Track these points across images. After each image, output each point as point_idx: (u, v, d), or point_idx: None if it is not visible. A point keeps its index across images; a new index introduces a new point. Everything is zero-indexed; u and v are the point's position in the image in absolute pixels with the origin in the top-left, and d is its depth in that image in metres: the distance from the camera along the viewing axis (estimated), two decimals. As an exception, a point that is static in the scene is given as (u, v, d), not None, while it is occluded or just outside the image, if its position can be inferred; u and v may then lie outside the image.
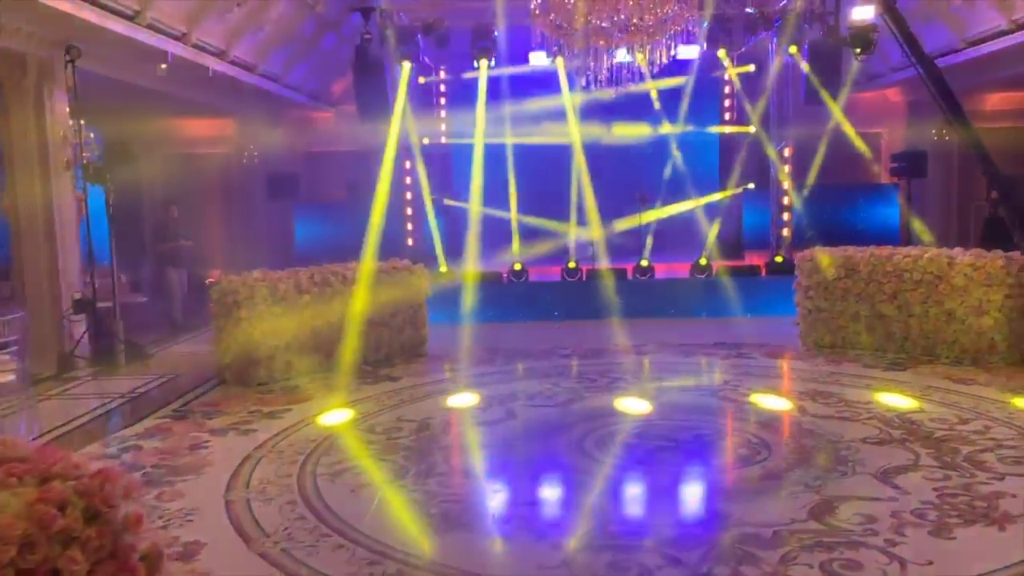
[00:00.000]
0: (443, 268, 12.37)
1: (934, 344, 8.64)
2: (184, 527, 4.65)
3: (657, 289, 12.09)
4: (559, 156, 14.53)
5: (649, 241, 12.68)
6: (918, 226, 11.93)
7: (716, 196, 14.99)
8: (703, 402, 7.15)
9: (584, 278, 12.24)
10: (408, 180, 14.28)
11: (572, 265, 12.22)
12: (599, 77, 11.86)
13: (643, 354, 9.26)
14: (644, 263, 12.27)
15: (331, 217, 15.48)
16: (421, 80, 15.08)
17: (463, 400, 7.41)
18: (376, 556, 4.21)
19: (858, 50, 10.48)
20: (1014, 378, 7.60)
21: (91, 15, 8.37)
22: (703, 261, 12.25)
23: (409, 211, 14.38)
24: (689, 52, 16.16)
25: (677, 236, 15.71)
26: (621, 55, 11.64)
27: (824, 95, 12.26)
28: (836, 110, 12.42)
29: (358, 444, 6.16)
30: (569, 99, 12.60)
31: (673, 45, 11.18)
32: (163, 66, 9.71)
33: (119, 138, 13.27)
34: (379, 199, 10.91)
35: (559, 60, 12.73)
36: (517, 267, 12.27)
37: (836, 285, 9.19)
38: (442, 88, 16.55)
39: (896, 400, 6.98)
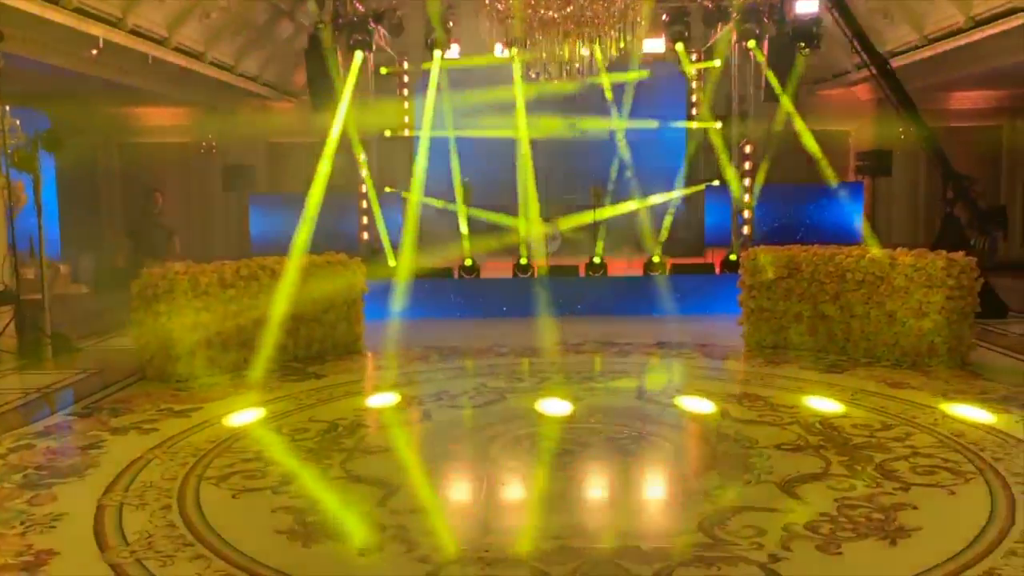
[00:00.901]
0: (391, 262, 12.12)
1: (875, 346, 8.46)
2: (44, 534, 4.41)
3: (608, 287, 11.87)
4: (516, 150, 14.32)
5: (601, 238, 12.42)
6: (866, 228, 11.73)
7: (673, 193, 14.82)
8: (627, 404, 6.95)
9: (535, 275, 12.02)
10: (364, 172, 14.05)
11: (524, 261, 11.99)
12: (551, 70, 11.66)
13: (582, 353, 9.05)
14: (596, 260, 12.06)
15: (288, 209, 15.14)
16: (383, 71, 14.84)
17: (383, 400, 7.19)
18: (234, 569, 3.98)
19: (802, 44, 10.27)
20: (951, 382, 7.43)
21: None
22: (656, 259, 12.04)
23: (364, 204, 14.14)
24: (655, 46, 16.02)
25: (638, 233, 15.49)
26: (574, 48, 11.44)
27: (779, 91, 12.05)
28: (789, 106, 12.17)
29: (258, 446, 5.92)
30: (522, 92, 12.33)
31: (624, 38, 10.98)
32: (94, 51, 9.42)
33: (60, 125, 13.06)
34: (315, 192, 10.63)
35: (514, 52, 12.50)
36: (468, 263, 12.04)
37: (778, 285, 9.00)
38: (405, 79, 16.32)
39: (824, 404, 6.79)
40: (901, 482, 5.00)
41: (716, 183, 14.72)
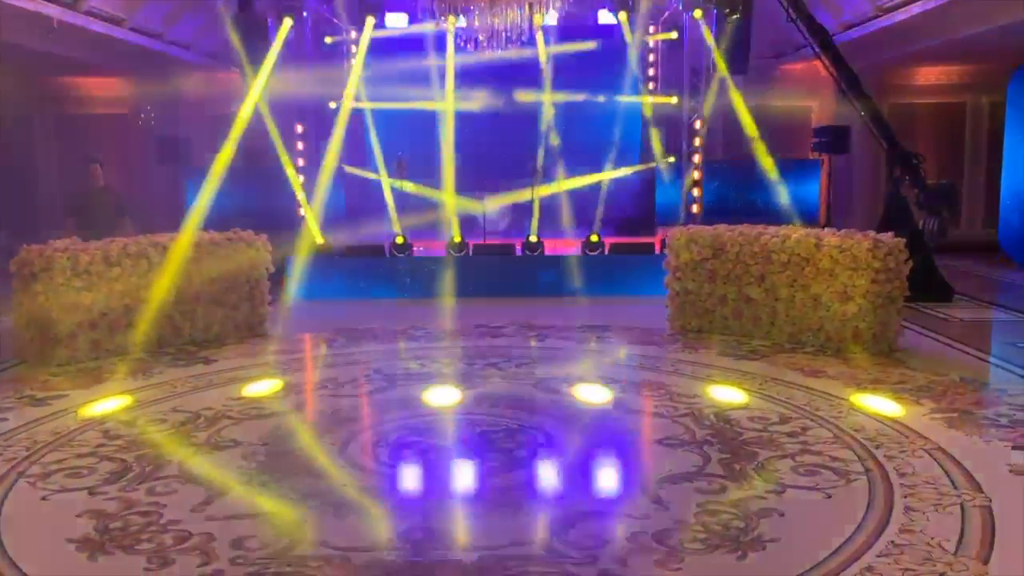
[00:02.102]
0: (319, 239, 11.62)
1: (800, 331, 8.05)
2: None
3: (544, 266, 11.41)
4: (459, 122, 13.83)
5: (535, 215, 11.94)
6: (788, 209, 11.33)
7: (619, 171, 14.36)
8: (521, 393, 6.49)
9: (470, 253, 11.55)
10: (300, 146, 13.54)
11: (457, 239, 11.51)
12: (482, 38, 11.16)
13: (499, 336, 8.60)
14: (533, 239, 11.59)
15: (226, 184, 14.65)
16: (328, 40, 14.31)
17: (263, 387, 6.73)
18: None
19: (727, 11, 9.76)
20: (870, 370, 7.02)
21: None
22: (594, 238, 11.58)
23: (301, 179, 13.61)
24: (609, 17, 15.48)
25: (585, 211, 15.06)
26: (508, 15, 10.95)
27: (720, 65, 11.57)
28: (728, 80, 11.69)
29: (102, 439, 5.45)
30: (452, 62, 11.82)
31: (555, 5, 10.50)
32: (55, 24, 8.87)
33: None
34: (218, 164, 10.11)
35: (450, 20, 11.97)
36: (399, 240, 11.56)
37: (703, 266, 8.56)
38: (352, 49, 15.74)
39: (727, 395, 6.37)
40: (777, 484, 4.58)
41: (672, 160, 14.27)
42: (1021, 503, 4.32)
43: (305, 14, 12.41)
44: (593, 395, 6.40)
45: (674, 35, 14.59)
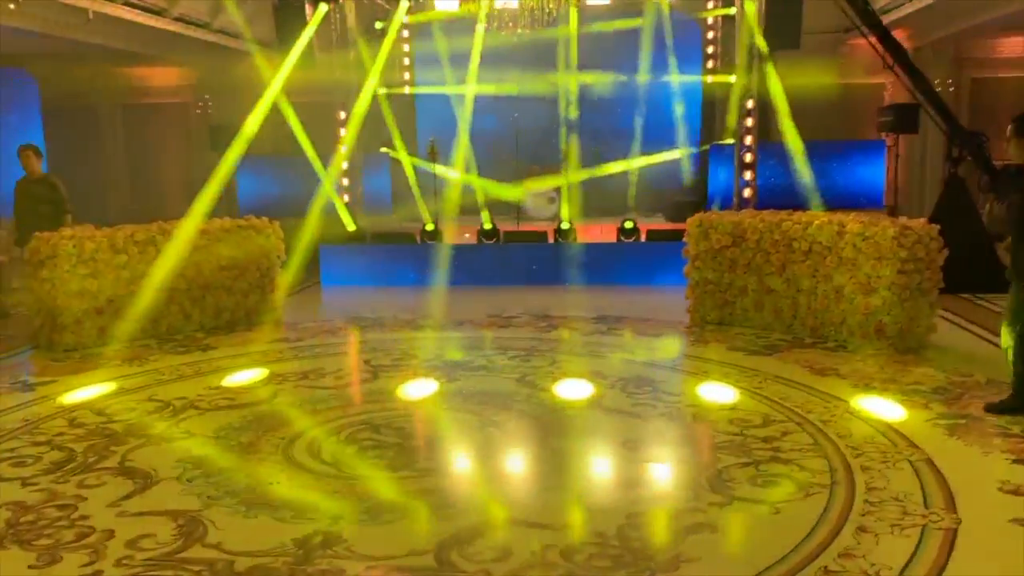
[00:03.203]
0: (350, 227, 11.57)
1: (822, 325, 7.49)
2: None
3: (575, 254, 11.04)
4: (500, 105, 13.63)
5: (564, 202, 11.58)
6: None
7: (669, 154, 13.89)
8: (499, 388, 6.19)
9: (501, 240, 11.31)
10: (342, 132, 13.53)
11: (488, 226, 11.27)
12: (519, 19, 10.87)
13: (508, 327, 8.34)
14: (565, 226, 11.23)
15: (277, 171, 14.81)
16: (379, 25, 14.26)
17: (245, 377, 6.66)
18: None
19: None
20: (886, 368, 6.45)
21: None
22: (628, 224, 11.13)
23: (344, 165, 13.63)
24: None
25: (634, 196, 14.61)
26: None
27: (760, 43, 10.94)
28: (766, 55, 11.03)
29: (65, 428, 5.47)
30: (479, 45, 11.55)
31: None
32: (12, 6, 9.09)
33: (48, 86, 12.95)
34: (234, 151, 10.13)
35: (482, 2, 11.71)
36: (429, 227, 11.40)
37: (723, 254, 8.07)
38: (405, 34, 15.68)
39: (719, 393, 5.95)
40: (725, 495, 4.19)
41: (731, 142, 13.68)
42: (996, 527, 3.81)
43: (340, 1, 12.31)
44: (573, 391, 6.07)
45: (732, 10, 13.92)
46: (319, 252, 11.13)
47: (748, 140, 13.03)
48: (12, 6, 9.10)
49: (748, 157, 13.03)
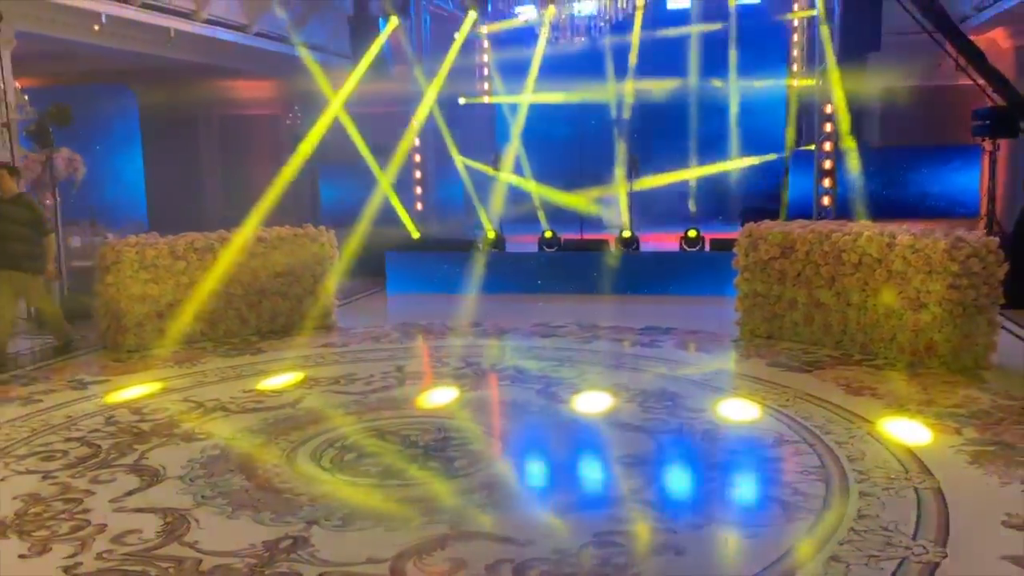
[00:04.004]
0: (415, 235, 11.80)
1: (872, 341, 7.15)
2: None
3: (636, 263, 10.92)
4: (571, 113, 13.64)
5: (624, 209, 11.44)
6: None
7: (747, 160, 13.59)
8: (517, 398, 6.19)
9: (561, 249, 11.28)
10: (417, 142, 13.81)
11: (548, 234, 11.27)
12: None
13: (549, 337, 8.33)
14: (627, 234, 11.11)
15: (356, 179, 15.24)
16: (459, 36, 14.52)
17: (280, 381, 6.88)
18: None
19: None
20: (931, 389, 6.10)
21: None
22: (692, 233, 10.91)
23: (418, 174, 13.93)
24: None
25: (708, 203, 14.38)
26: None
27: (827, 45, 10.54)
28: (830, 58, 10.61)
29: (100, 425, 5.80)
30: (541, 52, 11.57)
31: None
32: (96, 27, 9.71)
33: (147, 100, 13.75)
34: (294, 162, 10.46)
35: (550, 10, 11.74)
36: (491, 235, 11.49)
37: (772, 266, 7.82)
38: (485, 44, 15.90)
39: (741, 411, 5.77)
40: (705, 516, 4.07)
41: (811, 148, 13.31)
42: (983, 563, 3.56)
43: (413, 13, 12.58)
44: (589, 404, 6.00)
45: (815, 12, 13.50)
46: (384, 259, 11.44)
47: (827, 146, 12.59)
48: (96, 27, 9.71)
49: (827, 164, 12.59)
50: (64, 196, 12.59)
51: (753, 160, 13.91)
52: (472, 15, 12.12)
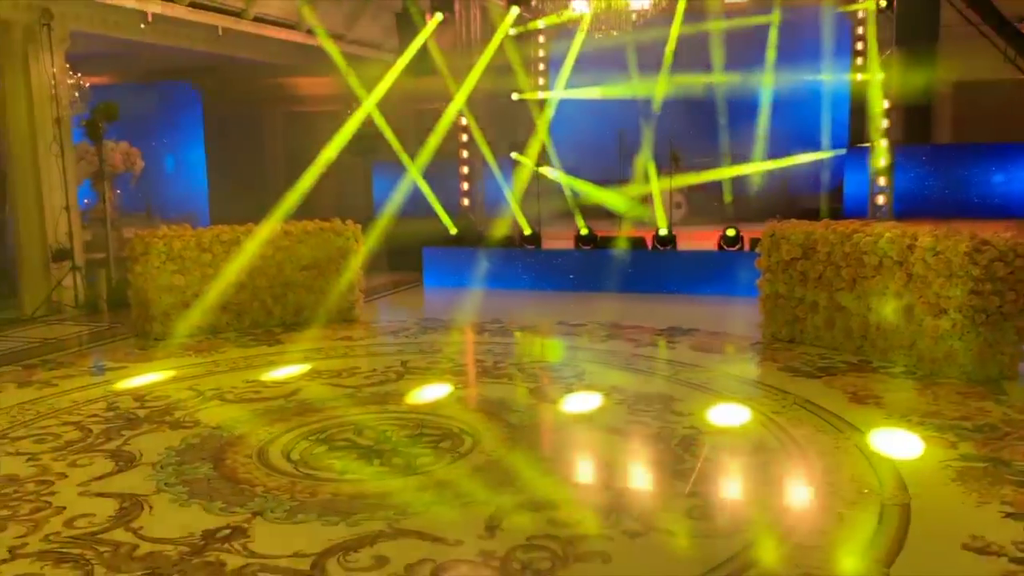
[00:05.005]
0: (452, 230, 11.83)
1: (892, 347, 6.81)
2: None
3: (671, 262, 10.69)
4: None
5: (659, 206, 11.18)
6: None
7: (802, 157, 13.15)
8: (506, 397, 6.10)
9: (597, 246, 11.13)
10: (464, 137, 13.84)
11: (584, 231, 11.14)
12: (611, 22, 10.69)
13: (566, 334, 8.24)
14: (664, 232, 10.88)
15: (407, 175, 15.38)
16: (513, 31, 14.48)
17: (285, 372, 7.00)
18: None
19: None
20: (940, 400, 5.77)
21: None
22: (731, 232, 10.60)
23: (465, 169, 13.96)
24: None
25: (762, 202, 13.95)
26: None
27: (871, 32, 10.07)
28: (872, 51, 10.12)
29: (98, 410, 6.00)
30: (577, 48, 11.41)
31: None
32: (142, 26, 10.06)
33: (210, 96, 14.17)
34: (323, 157, 10.59)
35: (594, 3, 11.55)
36: (527, 232, 11.43)
37: (793, 267, 7.54)
38: (540, 39, 15.81)
39: (730, 416, 5.58)
40: (643, 524, 3.94)
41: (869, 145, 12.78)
42: (924, 589, 3.35)
43: (457, 8, 12.58)
44: (576, 405, 5.90)
45: (872, 2, 12.94)
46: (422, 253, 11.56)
47: (883, 143, 12.06)
48: (143, 25, 10.06)
49: (882, 162, 12.06)
50: (123, 189, 13.18)
51: (810, 157, 13.43)
52: (514, 10, 12.06)
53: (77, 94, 10.40)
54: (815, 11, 14.11)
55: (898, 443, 4.98)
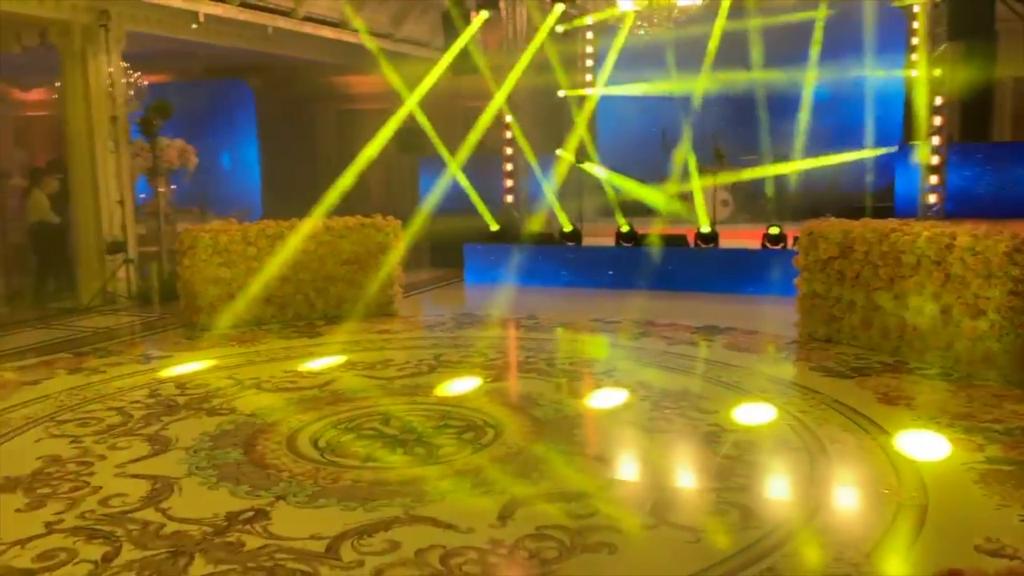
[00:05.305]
0: (493, 227, 11.94)
1: (929, 348, 6.70)
2: None
3: (712, 260, 10.63)
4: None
5: (700, 203, 11.09)
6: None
7: (851, 155, 12.93)
8: (533, 391, 6.16)
9: (638, 243, 11.12)
10: (508, 135, 13.92)
11: (625, 229, 11.14)
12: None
13: (599, 331, 8.29)
14: (706, 229, 10.82)
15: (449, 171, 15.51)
16: (561, 28, 14.52)
17: (321, 363, 7.18)
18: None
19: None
20: (974, 402, 5.67)
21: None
22: (774, 230, 10.50)
23: (510, 167, 14.04)
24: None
25: (810, 200, 13.74)
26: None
27: (920, 25, 9.86)
28: (920, 46, 9.89)
29: (140, 397, 6.24)
30: (620, 44, 11.39)
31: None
32: (194, 26, 10.37)
33: (263, 93, 14.51)
34: (365, 155, 10.76)
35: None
36: (567, 229, 11.48)
37: (831, 266, 7.46)
38: (588, 36, 15.81)
39: (757, 415, 5.56)
40: (658, 518, 3.98)
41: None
42: (930, 589, 3.33)
43: (503, 6, 12.66)
44: (602, 401, 5.94)
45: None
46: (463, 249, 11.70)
47: (936, 140, 11.81)
48: (194, 25, 10.36)
49: (935, 159, 11.81)
50: (178, 184, 13.57)
51: (860, 154, 13.20)
52: (558, 8, 12.09)
53: (132, 92, 10.75)
54: (868, 6, 13.84)
55: (924, 445, 4.92)
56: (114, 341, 8.32)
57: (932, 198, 11.80)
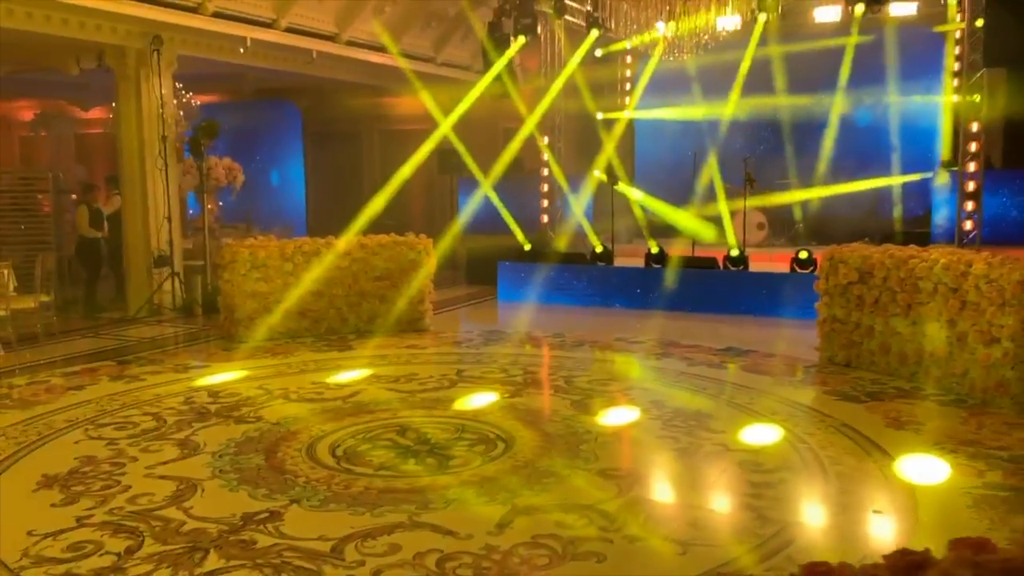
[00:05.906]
0: (526, 246, 12.17)
1: (945, 375, 6.74)
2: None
3: (740, 282, 10.71)
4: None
5: (728, 226, 11.18)
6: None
7: (885, 180, 12.92)
8: (549, 407, 6.39)
9: (666, 265, 11.24)
10: (544, 156, 14.18)
11: (655, 250, 11.28)
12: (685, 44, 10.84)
13: (622, 352, 8.45)
14: (735, 252, 10.91)
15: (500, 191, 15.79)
16: (600, 52, 14.78)
17: (348, 376, 7.46)
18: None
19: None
20: (983, 430, 5.70)
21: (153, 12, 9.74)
22: (803, 254, 10.55)
23: (545, 187, 14.29)
24: (906, 9, 14.02)
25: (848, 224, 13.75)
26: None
27: (949, 51, 9.86)
28: (946, 74, 9.88)
29: (175, 404, 6.58)
30: (652, 69, 11.56)
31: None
32: (242, 50, 10.84)
33: (310, 114, 14.99)
34: (401, 174, 11.07)
35: (671, 26, 11.73)
36: (598, 249, 11.66)
37: (850, 291, 7.54)
38: (628, 60, 16.05)
39: (763, 435, 5.68)
40: (647, 530, 4.15)
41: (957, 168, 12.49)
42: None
43: (541, 31, 12.94)
44: (613, 419, 6.11)
45: (963, 23, 12.64)
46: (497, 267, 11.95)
47: (972, 167, 11.75)
48: (242, 50, 10.83)
49: (971, 186, 11.74)
50: (226, 201, 14.08)
51: (900, 179, 13.19)
52: (594, 33, 12.34)
53: (183, 112, 11.25)
54: (910, 31, 13.84)
55: (923, 469, 5.00)
56: (156, 350, 8.71)
57: (968, 224, 11.72)
